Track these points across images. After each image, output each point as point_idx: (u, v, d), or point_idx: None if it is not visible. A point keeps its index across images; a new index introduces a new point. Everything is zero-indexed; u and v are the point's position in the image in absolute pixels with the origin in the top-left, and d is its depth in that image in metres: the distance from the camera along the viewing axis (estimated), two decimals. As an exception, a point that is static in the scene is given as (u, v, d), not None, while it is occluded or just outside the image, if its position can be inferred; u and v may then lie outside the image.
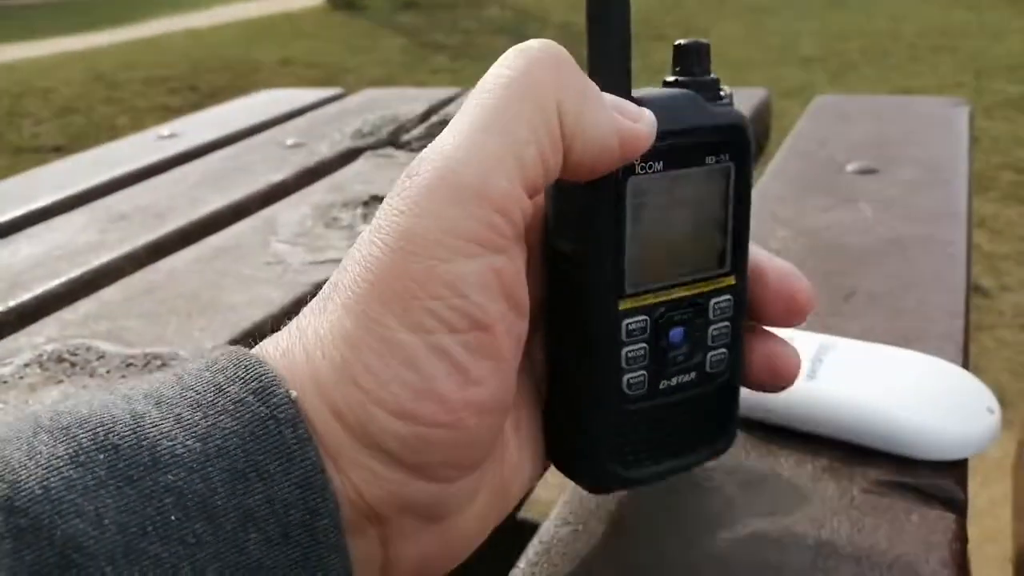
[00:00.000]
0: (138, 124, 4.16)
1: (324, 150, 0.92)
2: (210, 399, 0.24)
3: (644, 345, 0.31)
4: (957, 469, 0.38)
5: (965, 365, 0.46)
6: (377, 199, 0.75)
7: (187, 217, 0.75)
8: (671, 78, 0.31)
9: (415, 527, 0.27)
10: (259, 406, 0.24)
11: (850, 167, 0.76)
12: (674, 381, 0.32)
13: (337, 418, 0.25)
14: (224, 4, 8.29)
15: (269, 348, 0.27)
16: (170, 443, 0.23)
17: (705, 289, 0.31)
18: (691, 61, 0.30)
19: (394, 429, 0.25)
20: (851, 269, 0.57)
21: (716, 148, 0.30)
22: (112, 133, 3.99)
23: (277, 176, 0.84)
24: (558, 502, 0.38)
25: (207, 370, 0.25)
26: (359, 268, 0.26)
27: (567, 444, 0.33)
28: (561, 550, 0.35)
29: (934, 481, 0.37)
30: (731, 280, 0.32)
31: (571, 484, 0.39)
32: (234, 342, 0.52)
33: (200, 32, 6.65)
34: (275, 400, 0.24)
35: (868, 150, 0.80)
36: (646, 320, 0.30)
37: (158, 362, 0.51)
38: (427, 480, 0.26)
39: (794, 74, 4.37)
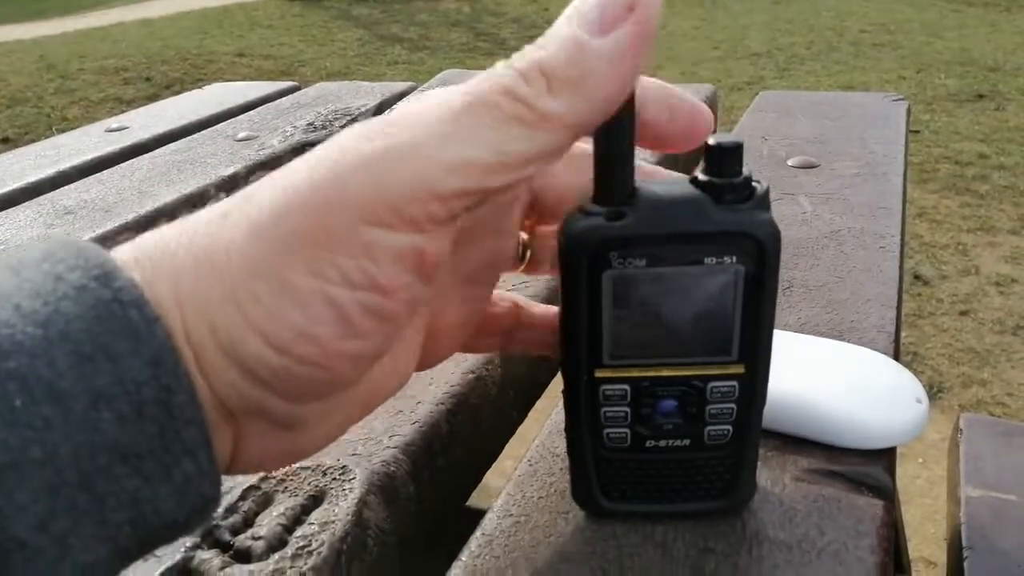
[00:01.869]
0: (90, 115, 4.08)
1: (275, 143, 0.91)
2: (50, 287, 0.23)
3: (625, 408, 0.34)
4: (885, 457, 0.40)
5: (896, 356, 0.48)
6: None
7: (135, 211, 0.75)
8: (699, 176, 0.30)
9: (266, 429, 0.27)
10: (101, 290, 0.23)
11: (791, 162, 0.77)
12: (663, 443, 0.35)
13: (210, 330, 0.24)
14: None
15: (148, 238, 0.26)
16: (9, 331, 0.22)
17: (703, 372, 0.33)
18: (714, 161, 0.30)
19: (266, 358, 0.25)
20: (789, 262, 0.58)
21: (717, 251, 0.30)
22: (63, 125, 3.92)
23: (228, 170, 0.84)
24: (501, 494, 0.39)
25: (44, 261, 0.24)
26: (280, 194, 0.25)
27: (571, 461, 0.36)
28: (503, 542, 0.36)
29: (863, 469, 0.39)
30: (739, 369, 0.33)
31: (515, 476, 0.40)
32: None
33: (155, 22, 6.53)
34: (118, 284, 0.23)
35: (809, 145, 0.81)
36: (626, 389, 0.33)
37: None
38: (287, 400, 0.26)
39: (743, 68, 4.42)
